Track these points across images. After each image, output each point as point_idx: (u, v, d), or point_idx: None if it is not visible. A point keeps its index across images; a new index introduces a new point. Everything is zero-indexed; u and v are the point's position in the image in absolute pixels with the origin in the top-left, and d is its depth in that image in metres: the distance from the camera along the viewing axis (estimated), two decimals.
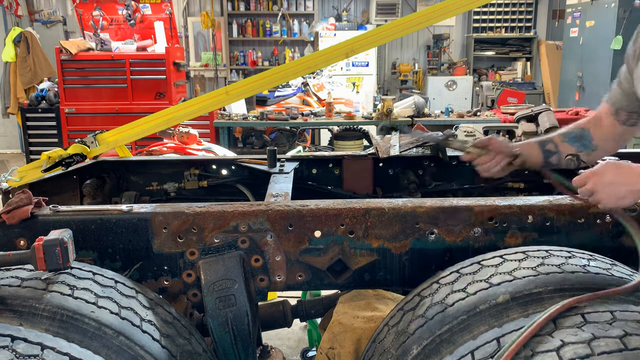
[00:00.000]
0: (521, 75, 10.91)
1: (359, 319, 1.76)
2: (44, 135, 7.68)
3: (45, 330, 1.19)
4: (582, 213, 1.60)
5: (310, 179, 2.44)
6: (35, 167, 2.04)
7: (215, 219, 1.61)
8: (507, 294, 1.25)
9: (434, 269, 1.63)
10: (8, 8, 9.45)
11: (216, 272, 1.59)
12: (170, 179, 2.41)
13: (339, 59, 2.06)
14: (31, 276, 1.32)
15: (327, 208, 1.62)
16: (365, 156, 2.41)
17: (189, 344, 1.46)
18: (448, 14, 1.96)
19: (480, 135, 5.41)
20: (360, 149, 6.77)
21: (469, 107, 9.33)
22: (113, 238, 1.61)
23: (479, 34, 10.98)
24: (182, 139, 4.25)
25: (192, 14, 10.83)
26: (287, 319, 2.10)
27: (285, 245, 1.63)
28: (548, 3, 11.00)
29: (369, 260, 1.65)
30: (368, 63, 9.80)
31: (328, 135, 7.86)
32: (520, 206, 1.61)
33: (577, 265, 1.31)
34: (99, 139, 2.09)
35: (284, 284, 1.67)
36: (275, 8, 10.65)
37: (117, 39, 7.75)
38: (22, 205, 1.57)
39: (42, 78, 8.44)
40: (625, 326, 1.05)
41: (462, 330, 1.25)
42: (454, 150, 2.03)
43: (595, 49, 7.92)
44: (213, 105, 2.13)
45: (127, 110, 7.10)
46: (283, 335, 3.40)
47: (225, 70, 10.88)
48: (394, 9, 10.45)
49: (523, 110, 5.71)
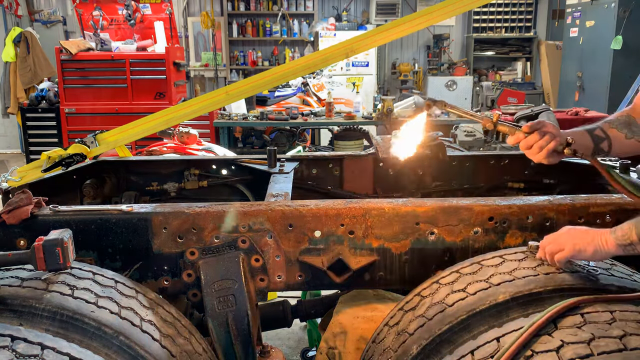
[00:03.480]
0: (521, 76, 10.91)
1: (359, 319, 1.76)
2: (44, 135, 7.68)
3: (45, 330, 1.19)
4: (583, 212, 1.60)
5: (310, 179, 2.44)
6: (35, 167, 2.04)
7: (215, 219, 1.61)
8: (507, 294, 1.25)
9: (434, 269, 1.64)
10: (8, 8, 9.45)
11: (216, 272, 1.59)
12: (170, 179, 2.41)
13: (339, 59, 2.06)
14: (31, 276, 1.32)
15: (327, 208, 1.62)
16: (365, 156, 2.41)
17: (189, 344, 1.46)
18: (448, 14, 1.96)
19: (480, 135, 5.41)
20: (360, 149, 6.77)
21: (469, 107, 9.33)
22: (113, 238, 1.61)
23: (479, 34, 10.98)
24: (182, 139, 4.25)
25: (192, 14, 10.83)
26: (287, 319, 2.10)
27: (285, 245, 1.63)
28: (548, 3, 11.00)
29: (369, 260, 1.65)
30: (368, 63, 9.80)
31: (328, 135, 7.86)
32: (520, 206, 1.61)
33: (577, 265, 1.31)
34: (99, 139, 2.09)
35: (284, 284, 1.67)
36: (275, 8, 10.65)
37: (117, 39, 7.75)
38: (22, 205, 1.57)
39: (42, 78, 8.44)
40: (625, 326, 1.05)
41: (462, 330, 1.26)
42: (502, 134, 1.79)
43: (595, 49, 7.91)
44: (213, 105, 2.13)
45: (127, 110, 7.10)
46: (283, 335, 3.40)
47: (225, 70, 10.87)
48: (394, 9, 10.44)
49: (523, 110, 5.71)
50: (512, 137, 1.57)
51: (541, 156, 1.51)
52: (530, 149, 1.52)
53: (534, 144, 1.51)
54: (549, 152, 1.50)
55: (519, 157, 2.37)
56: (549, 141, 1.50)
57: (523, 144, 1.53)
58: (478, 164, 2.41)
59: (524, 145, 1.53)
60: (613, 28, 7.36)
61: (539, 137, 1.51)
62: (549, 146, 1.49)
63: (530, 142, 1.52)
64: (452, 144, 3.36)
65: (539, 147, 1.51)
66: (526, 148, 1.53)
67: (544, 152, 1.50)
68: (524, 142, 1.53)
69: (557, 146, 1.49)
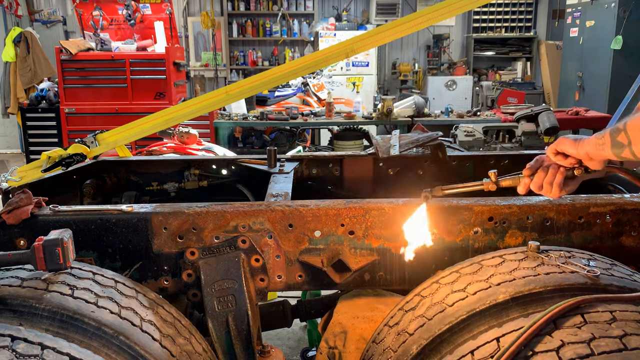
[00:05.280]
0: (521, 75, 10.91)
1: (359, 319, 1.76)
2: (44, 135, 7.68)
3: (45, 330, 1.19)
4: (583, 212, 1.60)
5: (310, 179, 2.44)
6: (35, 167, 2.04)
7: (215, 219, 1.61)
8: (507, 294, 1.25)
9: (434, 269, 1.64)
10: (8, 8, 9.45)
11: (216, 272, 1.59)
12: (170, 179, 2.41)
13: (339, 59, 2.07)
14: (31, 276, 1.32)
15: (327, 208, 1.62)
16: (365, 156, 2.41)
17: (189, 344, 1.46)
18: (448, 14, 1.96)
19: (480, 135, 5.41)
20: (360, 149, 6.77)
21: (468, 107, 9.33)
22: (113, 238, 1.61)
23: (479, 34, 10.98)
24: (182, 139, 4.25)
25: (192, 14, 10.83)
26: (287, 319, 2.10)
27: (285, 245, 1.63)
28: (548, 3, 11.00)
29: (369, 260, 1.65)
30: (368, 63, 9.81)
31: (328, 135, 7.86)
32: (520, 206, 1.61)
33: (577, 265, 1.31)
34: (99, 139, 2.09)
35: (284, 284, 1.67)
36: (275, 8, 10.65)
37: (117, 39, 7.75)
38: (22, 205, 1.57)
39: (42, 78, 8.44)
40: (626, 326, 1.05)
41: (462, 330, 1.26)
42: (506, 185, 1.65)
43: (595, 49, 7.92)
44: (213, 105, 2.13)
45: (127, 110, 7.10)
46: (283, 335, 3.40)
47: (225, 70, 10.88)
48: (394, 9, 10.45)
49: (523, 110, 5.72)
50: (519, 186, 1.52)
51: (556, 192, 1.45)
52: (543, 189, 1.48)
53: (543, 183, 1.46)
54: (560, 185, 1.44)
55: (519, 157, 2.37)
56: (555, 174, 1.45)
57: (534, 187, 1.48)
58: (478, 164, 2.41)
59: (535, 188, 1.49)
60: (613, 28, 7.36)
61: (544, 174, 1.47)
62: (557, 180, 1.44)
63: (539, 182, 1.47)
64: (452, 144, 3.36)
65: (549, 184, 1.45)
66: (539, 190, 1.48)
67: (556, 187, 1.44)
68: (534, 184, 1.48)
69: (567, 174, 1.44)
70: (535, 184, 1.47)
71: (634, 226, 1.60)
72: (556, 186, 1.44)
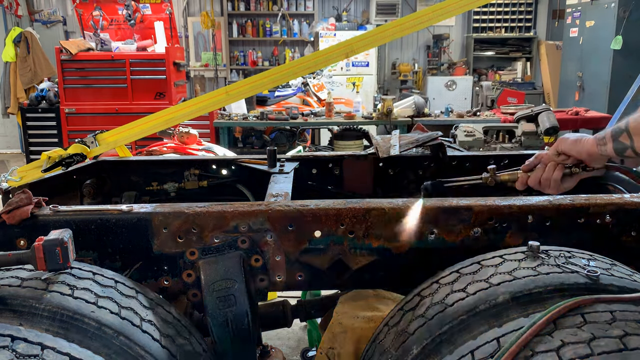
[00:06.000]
0: (521, 75, 10.92)
1: (359, 319, 1.75)
2: (44, 135, 7.69)
3: (45, 330, 1.19)
4: (583, 212, 1.60)
5: (310, 179, 2.43)
6: (35, 167, 2.04)
7: (215, 219, 1.61)
8: (507, 294, 1.25)
9: (434, 269, 1.63)
10: (8, 8, 9.45)
11: (216, 272, 1.59)
12: (170, 179, 2.41)
13: (339, 59, 2.07)
14: (31, 276, 1.32)
15: (327, 208, 1.62)
16: (365, 156, 2.41)
17: (189, 344, 1.46)
18: (448, 14, 1.96)
19: (480, 135, 5.41)
20: (360, 149, 6.77)
21: (468, 107, 9.34)
22: (113, 238, 1.61)
23: (479, 34, 10.99)
24: (182, 139, 4.26)
25: (192, 14, 10.83)
26: (287, 319, 2.09)
27: (285, 245, 1.63)
28: (548, 3, 11.00)
29: (369, 260, 1.65)
30: (368, 63, 9.81)
31: (328, 135, 7.87)
32: (520, 206, 1.61)
33: (577, 265, 1.31)
34: (99, 139, 2.09)
35: (284, 284, 1.67)
36: (275, 8, 10.65)
37: (117, 39, 7.76)
38: (22, 205, 1.57)
39: (42, 78, 8.44)
40: (625, 326, 1.05)
41: (462, 330, 1.25)
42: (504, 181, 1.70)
43: (595, 49, 7.92)
44: (213, 105, 2.13)
45: (127, 110, 7.11)
46: (283, 335, 3.40)
47: (225, 70, 10.88)
48: (394, 9, 10.45)
49: (523, 110, 5.72)
50: (517, 182, 1.52)
51: (554, 188, 1.45)
52: (541, 185, 1.48)
53: (541, 179, 1.46)
54: (557, 182, 1.44)
55: (519, 157, 2.37)
56: (552, 170, 1.44)
57: (532, 182, 1.48)
58: (478, 164, 2.41)
59: (533, 183, 1.49)
60: (613, 28, 7.37)
61: (542, 170, 1.46)
62: (555, 176, 1.44)
63: (537, 177, 1.47)
64: (452, 144, 3.35)
65: (547, 180, 1.45)
66: (536, 185, 1.48)
67: (554, 183, 1.44)
68: (532, 180, 1.48)
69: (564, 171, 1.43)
70: (533, 180, 1.48)
71: (634, 226, 1.60)
72: (554, 182, 1.44)
